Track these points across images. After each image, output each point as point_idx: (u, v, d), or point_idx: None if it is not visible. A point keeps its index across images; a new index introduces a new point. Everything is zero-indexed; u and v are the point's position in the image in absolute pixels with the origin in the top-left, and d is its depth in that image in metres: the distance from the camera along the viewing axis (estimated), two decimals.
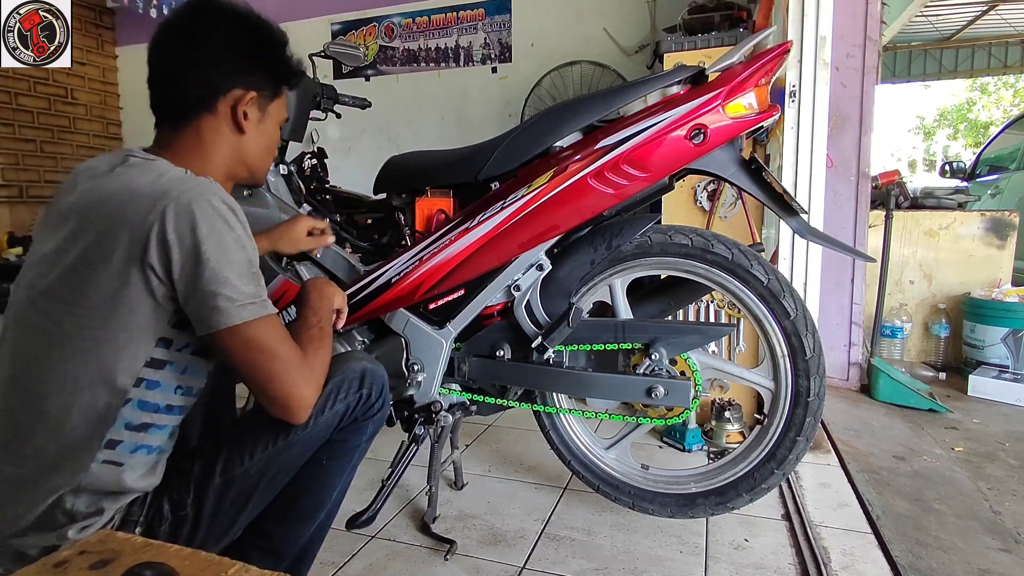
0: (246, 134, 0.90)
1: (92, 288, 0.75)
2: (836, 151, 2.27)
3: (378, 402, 0.97)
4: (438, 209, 1.35)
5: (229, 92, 0.86)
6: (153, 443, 0.81)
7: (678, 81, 1.16)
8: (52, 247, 0.78)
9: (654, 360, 1.20)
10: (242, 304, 0.77)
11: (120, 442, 0.78)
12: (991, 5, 6.05)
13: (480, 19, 3.58)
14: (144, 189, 0.76)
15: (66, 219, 0.79)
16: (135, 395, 0.78)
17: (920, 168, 14.89)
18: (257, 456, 0.86)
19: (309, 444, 0.90)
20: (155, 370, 0.79)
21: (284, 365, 0.81)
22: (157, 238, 0.73)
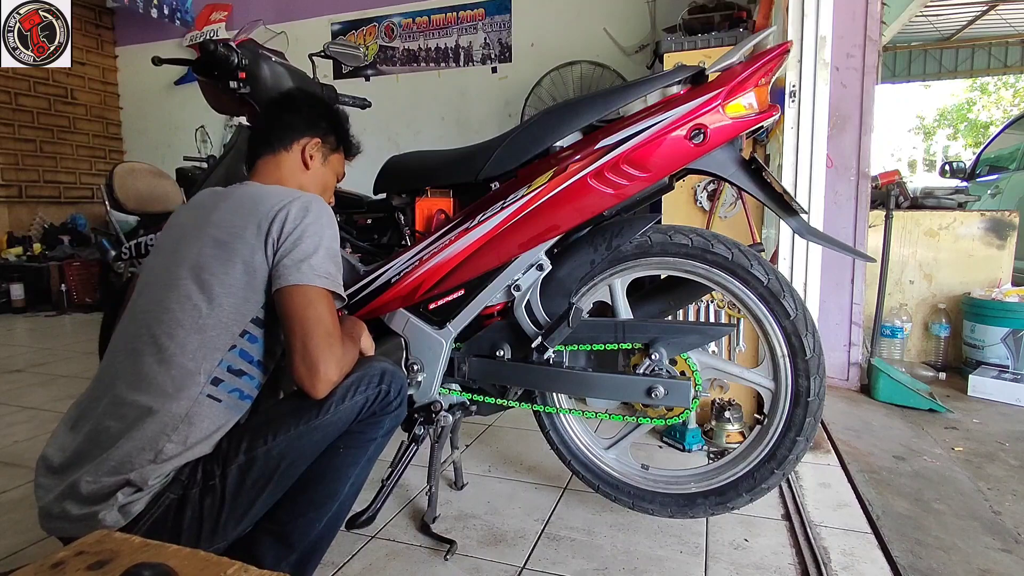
0: (311, 171, 1.19)
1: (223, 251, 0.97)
2: (836, 151, 2.27)
3: (396, 400, 1.03)
4: (438, 209, 1.35)
5: (302, 138, 1.17)
6: (245, 390, 0.97)
7: (678, 81, 1.16)
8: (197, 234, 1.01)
9: (654, 360, 1.20)
10: (318, 275, 0.97)
11: (222, 380, 0.94)
12: (991, 5, 6.05)
13: (480, 19, 3.58)
14: (276, 192, 1.04)
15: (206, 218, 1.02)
16: (239, 344, 0.96)
17: (920, 168, 14.90)
18: (280, 438, 0.93)
19: (329, 431, 0.96)
20: (257, 327, 0.98)
21: (327, 334, 0.95)
22: (280, 217, 0.98)
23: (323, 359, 0.93)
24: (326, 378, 0.94)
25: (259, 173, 1.16)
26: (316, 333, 0.94)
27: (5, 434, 1.98)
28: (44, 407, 2.24)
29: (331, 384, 0.95)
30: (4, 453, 1.82)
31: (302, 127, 1.18)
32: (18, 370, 2.83)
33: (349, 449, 1.00)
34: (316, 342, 0.93)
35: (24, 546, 1.32)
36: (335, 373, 0.95)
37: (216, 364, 0.94)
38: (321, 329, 0.94)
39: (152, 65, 1.59)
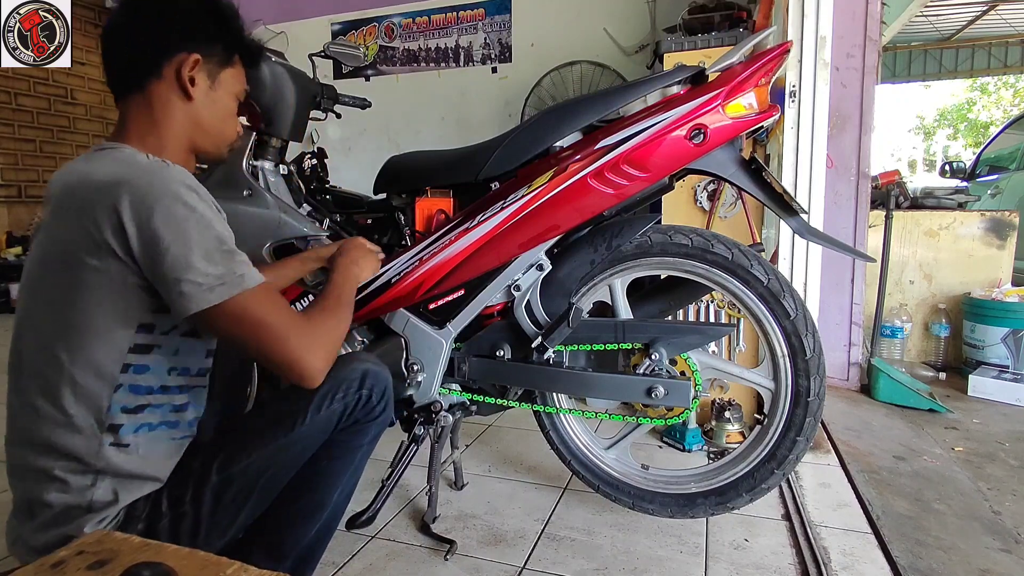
0: (194, 100, 0.88)
1: (68, 277, 0.77)
2: (836, 151, 2.27)
3: (380, 404, 0.96)
4: (438, 209, 1.35)
5: (174, 56, 0.85)
6: (153, 420, 0.83)
7: (678, 81, 1.16)
8: (38, 239, 0.82)
9: (654, 360, 1.20)
10: (209, 287, 0.76)
11: (121, 426, 0.80)
12: (991, 5, 6.06)
13: (480, 19, 3.58)
14: (103, 179, 0.77)
15: (48, 212, 0.82)
16: (124, 380, 0.80)
17: (920, 168, 14.90)
18: (256, 455, 0.87)
19: (308, 443, 0.91)
20: (142, 355, 0.81)
21: (277, 333, 0.81)
22: (115, 227, 0.74)
23: (293, 359, 0.82)
24: (310, 371, 0.84)
25: (126, 120, 0.86)
26: (266, 341, 0.80)
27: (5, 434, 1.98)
28: None
29: (321, 371, 0.85)
30: (4, 453, 1.82)
31: (172, 41, 0.85)
32: None
33: (334, 460, 0.95)
34: (274, 352, 0.81)
35: None
36: (317, 361, 0.84)
37: (105, 413, 0.79)
38: (269, 334, 0.80)
39: None
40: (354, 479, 1.00)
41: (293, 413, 0.89)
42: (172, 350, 0.84)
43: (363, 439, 0.97)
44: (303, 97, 1.43)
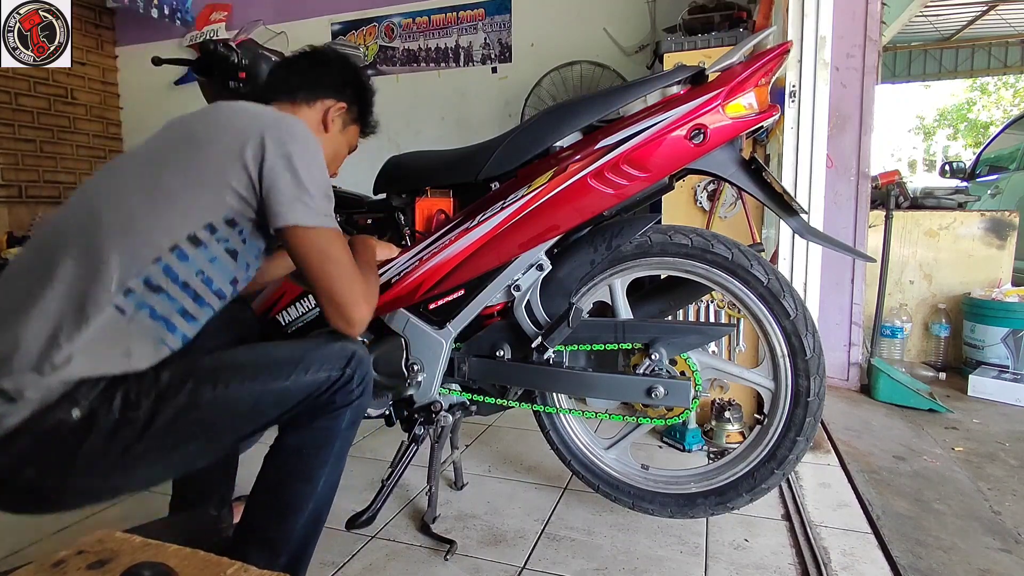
0: (328, 135, 1.14)
1: (189, 156, 0.90)
2: (836, 151, 2.27)
3: (358, 388, 0.97)
4: (438, 209, 1.35)
5: (330, 98, 1.13)
6: (158, 309, 0.86)
7: (678, 81, 1.16)
8: (162, 138, 0.95)
9: (654, 360, 1.20)
10: (315, 213, 0.92)
11: (133, 292, 0.84)
12: (991, 5, 6.06)
13: (480, 19, 3.58)
14: (256, 110, 0.96)
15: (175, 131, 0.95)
16: (165, 258, 0.87)
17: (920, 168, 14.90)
18: (232, 388, 0.87)
19: (282, 399, 0.91)
20: (191, 246, 0.89)
21: (347, 274, 0.94)
22: (257, 139, 0.90)
23: (350, 302, 0.94)
24: (359, 319, 0.95)
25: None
26: (336, 276, 0.93)
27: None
28: None
29: (365, 319, 0.96)
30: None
31: (331, 88, 1.13)
32: None
33: (314, 447, 0.96)
34: (339, 287, 0.93)
35: (24, 546, 1.32)
36: (365, 310, 0.96)
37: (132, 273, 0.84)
38: (341, 271, 0.93)
39: (152, 65, 1.59)
40: (337, 469, 1.00)
41: (283, 364, 0.90)
42: (211, 257, 0.91)
43: (339, 424, 0.97)
44: None
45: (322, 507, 1.00)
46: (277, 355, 0.93)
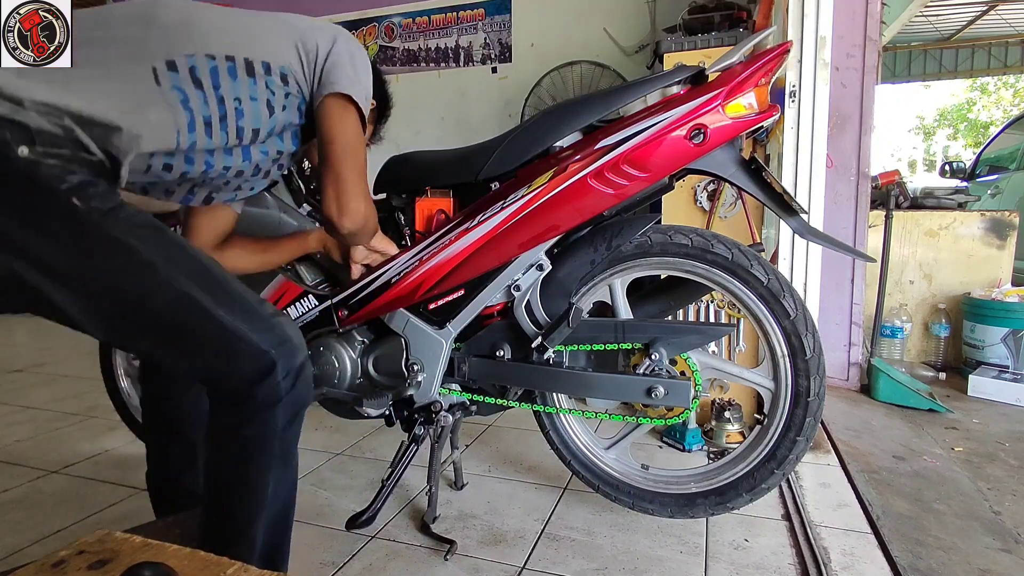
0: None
1: (272, 15, 1.01)
2: (836, 151, 2.27)
3: (284, 382, 0.88)
4: (438, 209, 1.35)
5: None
6: (190, 102, 0.88)
7: (678, 81, 1.16)
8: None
9: (654, 360, 1.20)
10: (363, 101, 1.01)
11: (176, 68, 0.87)
12: (991, 5, 6.06)
13: (480, 19, 3.58)
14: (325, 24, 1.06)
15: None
16: (218, 62, 0.91)
17: (920, 168, 14.91)
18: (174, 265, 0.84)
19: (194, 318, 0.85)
20: (245, 71, 0.93)
21: (359, 167, 1.01)
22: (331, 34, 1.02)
23: (353, 191, 0.99)
24: (353, 210, 0.99)
25: None
26: (352, 163, 0.98)
27: (5, 434, 1.98)
28: (44, 407, 2.24)
29: (355, 216, 1.00)
30: (4, 453, 1.82)
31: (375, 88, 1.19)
32: (18, 370, 2.83)
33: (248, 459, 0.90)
34: (350, 170, 0.98)
35: (25, 545, 1.32)
36: (363, 207, 1.00)
37: (189, 52, 0.87)
38: (356, 162, 0.99)
39: None
40: (285, 473, 0.94)
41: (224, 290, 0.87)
42: (253, 94, 0.95)
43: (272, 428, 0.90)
44: None
45: (281, 508, 0.95)
46: (228, 282, 0.89)
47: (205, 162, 0.95)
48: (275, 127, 1.00)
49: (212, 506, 0.92)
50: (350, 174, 1.00)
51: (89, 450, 1.84)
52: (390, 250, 1.29)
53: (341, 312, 1.34)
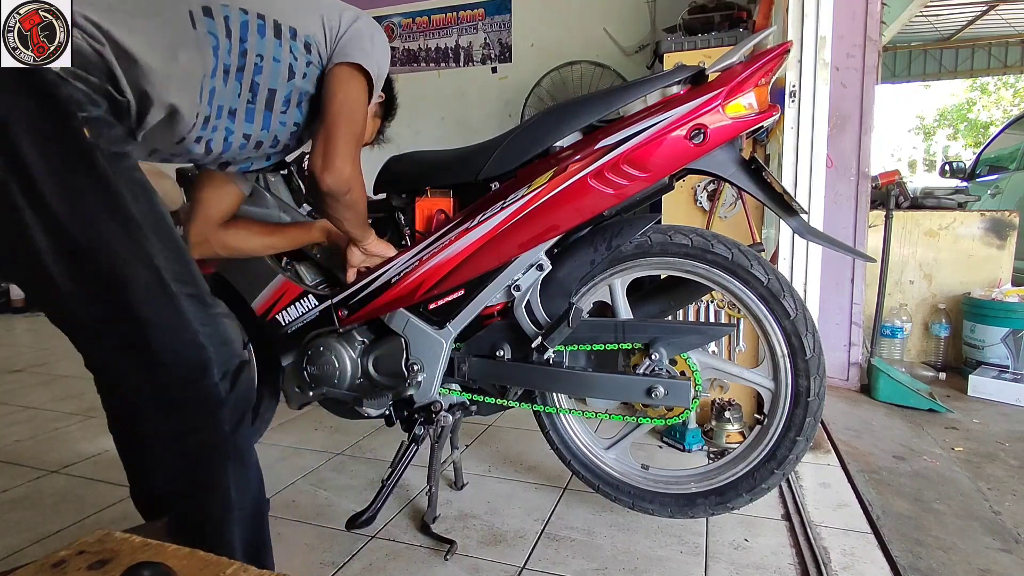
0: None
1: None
2: (836, 151, 2.27)
3: (222, 383, 0.87)
4: (438, 209, 1.35)
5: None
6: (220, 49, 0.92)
7: (678, 81, 1.16)
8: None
9: (654, 360, 1.20)
10: (377, 76, 1.06)
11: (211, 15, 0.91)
12: (991, 5, 6.06)
13: (480, 19, 3.58)
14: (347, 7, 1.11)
15: None
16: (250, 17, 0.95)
17: (920, 168, 14.92)
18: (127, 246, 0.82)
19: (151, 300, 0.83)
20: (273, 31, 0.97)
21: (354, 132, 1.03)
22: (355, 14, 1.08)
23: (342, 152, 1.01)
24: (339, 168, 1.01)
25: None
26: (346, 128, 1.01)
27: (5, 434, 1.98)
28: (44, 407, 2.24)
29: (341, 178, 1.02)
30: (4, 453, 1.82)
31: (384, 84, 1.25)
32: (18, 370, 2.83)
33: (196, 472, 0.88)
34: (343, 134, 1.00)
35: (25, 545, 1.32)
36: (348, 170, 1.02)
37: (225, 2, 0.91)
38: (351, 128, 1.02)
39: None
40: (245, 468, 0.92)
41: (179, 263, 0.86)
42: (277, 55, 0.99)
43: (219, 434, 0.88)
44: None
45: (252, 506, 0.94)
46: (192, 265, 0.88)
47: (226, 128, 0.98)
48: (291, 93, 1.02)
49: (177, 517, 0.89)
50: (342, 131, 1.01)
51: (89, 450, 1.84)
52: (387, 253, 1.30)
53: (341, 312, 1.34)
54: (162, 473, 0.90)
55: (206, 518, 0.90)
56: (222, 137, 1.00)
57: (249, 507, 0.93)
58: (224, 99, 0.96)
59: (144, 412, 0.88)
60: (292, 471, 1.68)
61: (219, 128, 0.98)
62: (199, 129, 0.96)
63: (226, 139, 1.00)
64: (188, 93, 0.90)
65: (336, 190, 1.05)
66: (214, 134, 0.99)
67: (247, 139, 1.03)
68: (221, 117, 0.98)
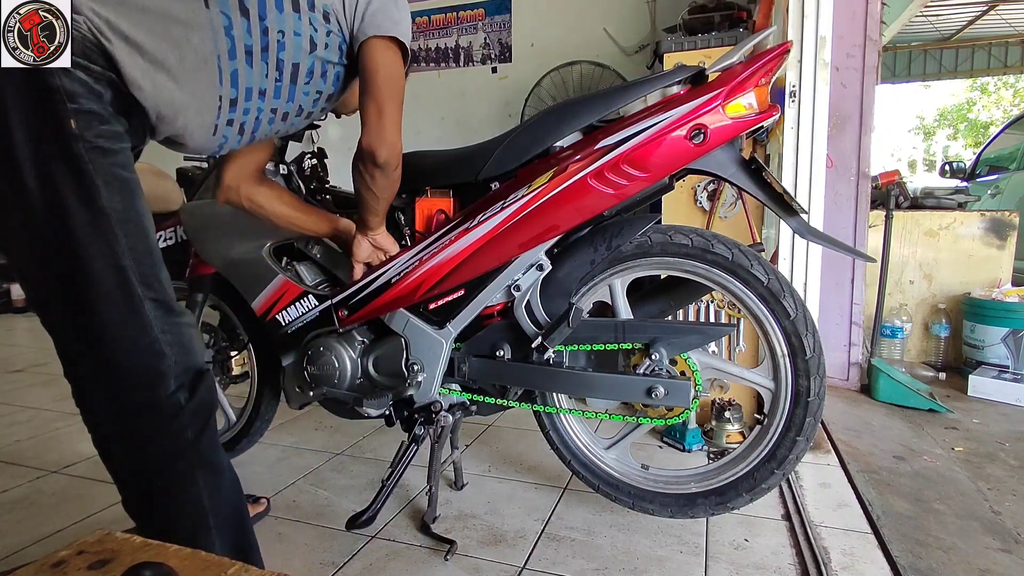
0: None
1: None
2: (836, 151, 2.27)
3: (180, 392, 0.88)
4: (438, 209, 1.35)
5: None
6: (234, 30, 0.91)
7: (678, 81, 1.16)
8: None
9: (654, 360, 1.20)
10: (404, 38, 1.05)
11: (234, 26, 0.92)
12: (991, 5, 6.06)
13: (480, 19, 3.58)
14: None
15: None
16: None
17: (920, 168, 14.91)
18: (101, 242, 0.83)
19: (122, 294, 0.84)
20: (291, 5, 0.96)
21: (399, 103, 1.06)
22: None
23: (393, 126, 1.05)
24: (394, 144, 1.06)
25: None
26: (393, 99, 1.04)
27: (6, 434, 1.98)
28: (45, 407, 2.24)
29: (395, 151, 1.07)
30: (5, 453, 1.82)
31: None
32: (19, 370, 2.83)
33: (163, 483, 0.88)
34: (392, 107, 1.04)
35: (25, 545, 1.32)
36: (400, 143, 1.08)
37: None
38: (396, 99, 1.05)
39: None
40: (219, 477, 0.92)
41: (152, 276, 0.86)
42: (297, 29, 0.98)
43: (180, 442, 0.88)
44: None
45: (230, 510, 0.93)
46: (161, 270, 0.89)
47: (258, 108, 0.99)
48: (314, 64, 1.03)
49: (153, 530, 0.89)
50: (390, 106, 1.04)
51: (89, 450, 1.83)
52: (392, 248, 1.30)
53: (341, 312, 1.34)
54: (129, 481, 0.91)
55: (178, 530, 0.89)
56: (254, 117, 1.01)
57: (228, 511, 0.93)
58: (252, 81, 0.96)
59: (104, 420, 0.89)
60: (292, 471, 1.68)
61: (251, 109, 0.99)
62: (228, 112, 0.96)
63: (257, 118, 1.02)
64: (205, 76, 0.90)
65: (391, 162, 1.09)
66: (246, 116, 1.00)
67: (274, 113, 1.04)
68: (251, 99, 0.98)
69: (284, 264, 1.43)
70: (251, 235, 1.40)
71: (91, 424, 0.90)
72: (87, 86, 0.80)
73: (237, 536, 0.94)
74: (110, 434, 0.89)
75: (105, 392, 0.87)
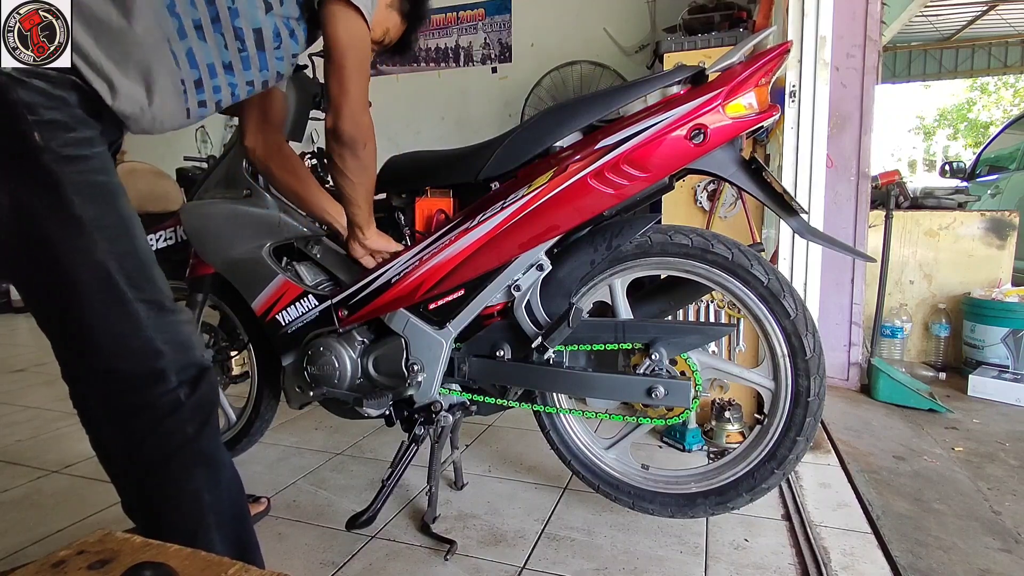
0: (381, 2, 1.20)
1: None
2: (836, 151, 2.27)
3: (181, 389, 0.87)
4: (438, 209, 1.35)
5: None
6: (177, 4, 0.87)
7: (678, 81, 1.16)
8: None
9: (654, 360, 1.20)
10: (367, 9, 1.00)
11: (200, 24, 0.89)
12: (991, 5, 6.06)
13: (480, 19, 3.58)
14: None
15: None
16: None
17: (920, 168, 14.91)
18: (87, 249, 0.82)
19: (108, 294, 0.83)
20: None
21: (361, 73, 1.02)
22: None
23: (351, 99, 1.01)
24: (359, 117, 1.02)
25: None
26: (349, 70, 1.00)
27: (6, 433, 1.98)
28: (45, 407, 2.24)
29: (360, 125, 1.03)
30: (5, 453, 1.82)
31: None
32: (20, 369, 2.83)
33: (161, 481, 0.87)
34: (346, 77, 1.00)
35: (25, 545, 1.32)
36: (366, 118, 1.04)
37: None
38: (354, 67, 1.00)
39: None
40: (219, 473, 0.91)
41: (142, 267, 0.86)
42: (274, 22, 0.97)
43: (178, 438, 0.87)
44: (303, 97, 1.43)
45: (230, 508, 0.92)
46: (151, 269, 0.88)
47: (229, 83, 0.95)
48: (277, 25, 0.98)
49: (153, 528, 0.88)
50: (355, 76, 1.01)
51: (89, 450, 1.82)
52: (388, 248, 1.29)
53: (341, 312, 1.34)
54: (127, 481, 0.90)
55: (177, 529, 0.88)
56: (229, 92, 0.96)
57: (227, 509, 0.92)
58: (212, 56, 0.92)
59: (100, 422, 0.88)
60: (292, 471, 1.68)
61: (221, 86, 0.95)
62: (196, 93, 0.92)
63: (233, 93, 0.97)
64: (159, 66, 0.86)
65: (356, 137, 1.05)
66: (218, 94, 0.95)
67: (252, 85, 1.00)
68: (217, 75, 0.93)
69: (284, 264, 1.44)
70: (251, 235, 1.40)
71: (88, 426, 0.90)
72: (46, 94, 0.77)
73: (237, 534, 0.94)
74: (107, 435, 0.89)
75: (99, 395, 0.87)
